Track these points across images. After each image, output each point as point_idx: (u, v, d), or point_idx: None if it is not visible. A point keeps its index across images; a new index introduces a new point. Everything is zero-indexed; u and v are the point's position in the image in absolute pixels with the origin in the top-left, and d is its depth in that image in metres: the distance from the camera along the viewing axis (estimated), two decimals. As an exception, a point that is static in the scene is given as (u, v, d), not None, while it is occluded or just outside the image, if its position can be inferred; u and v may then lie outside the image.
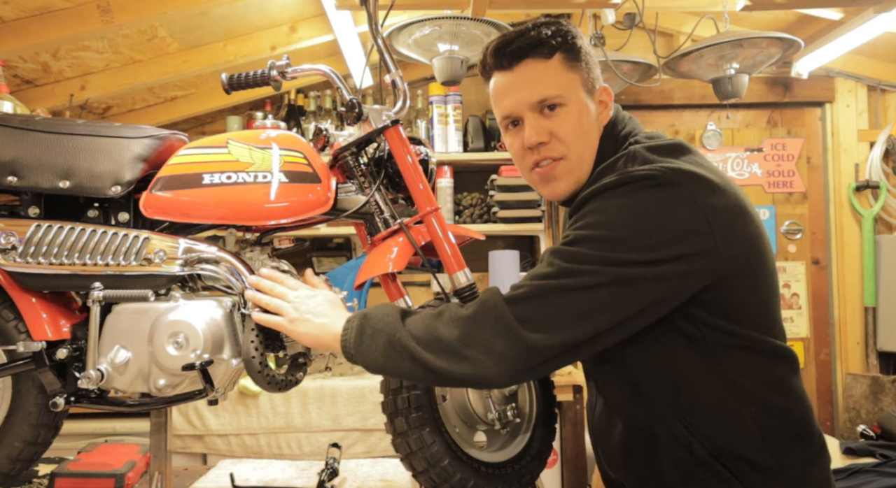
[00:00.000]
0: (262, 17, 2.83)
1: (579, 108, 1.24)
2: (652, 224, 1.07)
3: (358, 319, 1.17)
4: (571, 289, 1.06)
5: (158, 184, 1.34)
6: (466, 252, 1.31)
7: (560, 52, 1.24)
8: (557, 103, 1.23)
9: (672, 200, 1.08)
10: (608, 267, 1.06)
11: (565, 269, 1.08)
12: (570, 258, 1.08)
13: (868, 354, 3.56)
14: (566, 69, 1.24)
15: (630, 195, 1.09)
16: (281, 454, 2.66)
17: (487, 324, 1.08)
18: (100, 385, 1.28)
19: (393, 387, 1.24)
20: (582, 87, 1.25)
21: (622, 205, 1.09)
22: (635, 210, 1.08)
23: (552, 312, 1.07)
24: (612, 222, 1.08)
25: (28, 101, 2.72)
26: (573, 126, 1.24)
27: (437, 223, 1.29)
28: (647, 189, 1.09)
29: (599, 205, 1.11)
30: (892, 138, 3.56)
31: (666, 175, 1.09)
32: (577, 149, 1.24)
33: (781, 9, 2.90)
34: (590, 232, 1.09)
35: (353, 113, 1.34)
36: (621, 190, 1.10)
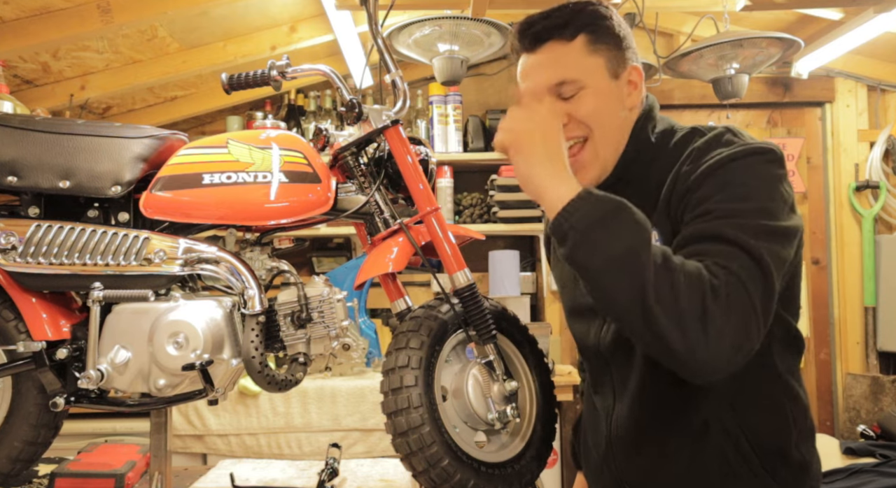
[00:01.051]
0: (262, 17, 2.83)
1: (599, 91, 1.21)
2: (784, 195, 1.11)
3: (612, 201, 1.05)
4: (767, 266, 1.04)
5: (158, 184, 1.34)
6: (466, 252, 1.31)
7: (584, 34, 1.21)
8: (576, 87, 1.21)
9: (784, 175, 1.14)
10: (776, 230, 1.07)
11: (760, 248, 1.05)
12: (749, 232, 1.05)
13: (868, 354, 3.56)
14: (589, 52, 1.21)
15: (759, 167, 1.11)
16: (281, 454, 2.66)
17: (735, 315, 1.00)
18: (100, 385, 1.28)
19: (393, 387, 1.24)
20: (606, 69, 1.22)
21: (758, 178, 1.10)
22: (770, 181, 1.11)
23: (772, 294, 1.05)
24: (757, 192, 1.09)
25: (28, 101, 2.72)
26: (591, 108, 1.21)
27: (437, 223, 1.29)
28: (772, 162, 1.12)
29: (735, 178, 1.10)
30: (892, 138, 3.55)
31: (778, 151, 1.15)
32: (599, 128, 1.22)
33: (781, 9, 2.90)
34: (739, 205, 1.08)
35: (353, 113, 1.34)
36: (748, 162, 1.11)
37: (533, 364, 1.39)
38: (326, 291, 1.37)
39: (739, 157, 1.11)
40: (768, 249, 1.04)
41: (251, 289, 1.32)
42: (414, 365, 1.23)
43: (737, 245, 1.03)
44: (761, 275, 1.02)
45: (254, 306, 1.31)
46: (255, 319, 1.31)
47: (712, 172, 1.11)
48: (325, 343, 1.37)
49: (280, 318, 1.36)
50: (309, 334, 1.36)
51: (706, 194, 1.11)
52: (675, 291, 0.98)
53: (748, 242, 1.03)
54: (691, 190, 1.13)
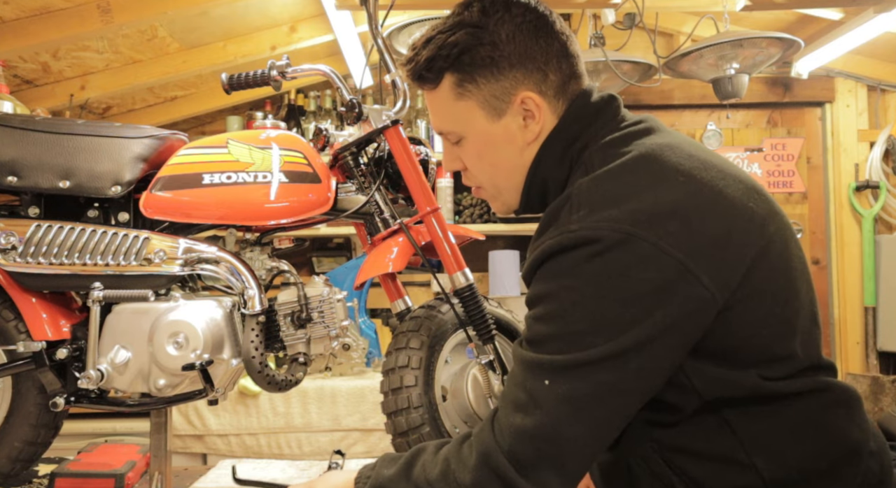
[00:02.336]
0: (262, 17, 2.82)
1: (479, 139, 1.05)
2: (613, 299, 0.87)
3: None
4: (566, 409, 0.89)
5: (158, 184, 1.34)
6: (466, 252, 1.31)
7: (449, 73, 1.03)
8: (456, 136, 1.07)
9: (627, 263, 0.87)
10: (587, 371, 0.88)
11: (539, 389, 0.90)
12: (539, 370, 0.90)
13: (868, 354, 3.56)
14: (456, 97, 1.03)
15: (575, 272, 0.89)
16: (281, 454, 2.66)
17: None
18: (100, 385, 1.28)
19: (393, 387, 1.24)
20: (481, 110, 1.03)
21: (573, 288, 0.89)
22: (587, 291, 0.88)
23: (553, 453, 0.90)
24: (566, 313, 0.89)
25: (28, 101, 2.72)
26: (475, 160, 1.08)
27: (437, 223, 1.29)
28: (591, 259, 0.88)
29: (547, 288, 0.92)
30: (892, 138, 3.55)
31: (616, 230, 0.87)
32: (488, 180, 1.09)
33: (781, 9, 2.90)
34: (548, 329, 0.91)
35: (353, 113, 1.34)
36: (562, 264, 0.90)
37: None
38: (326, 291, 1.37)
39: (557, 253, 0.91)
40: (567, 391, 0.88)
41: (251, 289, 1.32)
42: (414, 365, 1.23)
43: (526, 390, 0.91)
44: (546, 433, 0.88)
45: (254, 306, 1.31)
46: (255, 319, 1.31)
47: (532, 270, 0.96)
48: (325, 343, 1.37)
49: (280, 318, 1.36)
50: (309, 334, 1.36)
51: (527, 301, 0.97)
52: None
53: (536, 387, 0.90)
54: (524, 279, 1.00)
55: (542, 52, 1.01)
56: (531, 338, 0.94)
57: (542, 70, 1.01)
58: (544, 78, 1.02)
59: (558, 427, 0.88)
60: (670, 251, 0.86)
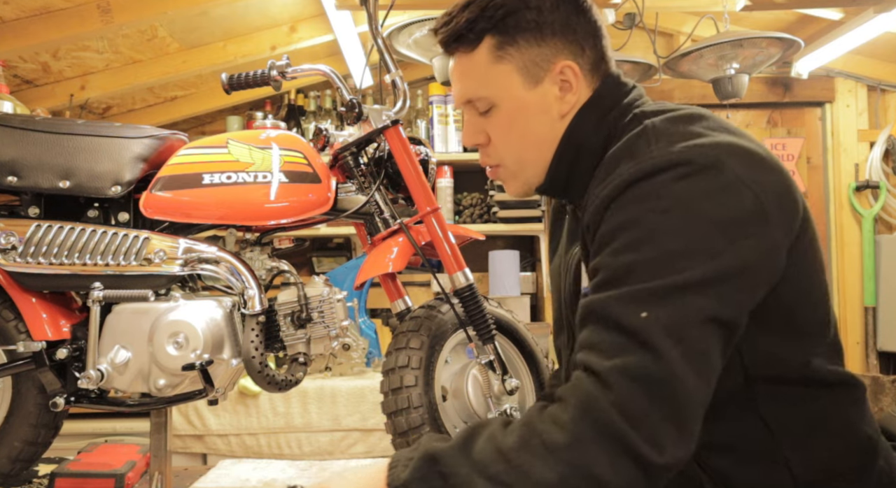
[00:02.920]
0: (262, 17, 2.83)
1: (513, 108, 1.02)
2: (710, 218, 0.83)
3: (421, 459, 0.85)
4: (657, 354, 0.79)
5: (158, 184, 1.34)
6: (466, 252, 1.31)
7: (489, 36, 1.00)
8: (487, 104, 1.03)
9: (716, 187, 0.84)
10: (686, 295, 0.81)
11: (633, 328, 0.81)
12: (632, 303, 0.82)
13: (868, 354, 3.56)
14: (494, 61, 1.00)
15: (663, 193, 0.85)
16: (281, 454, 2.66)
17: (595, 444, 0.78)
18: (100, 385, 1.28)
19: (393, 387, 1.24)
20: (520, 76, 1.00)
21: (661, 210, 0.84)
22: (684, 206, 0.83)
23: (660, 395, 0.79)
24: (655, 235, 0.83)
25: (28, 101, 2.72)
26: (504, 130, 1.03)
27: (437, 223, 1.29)
28: (683, 179, 0.84)
29: (630, 215, 0.86)
30: (892, 138, 3.55)
31: (702, 155, 0.85)
32: (514, 154, 1.04)
33: (781, 9, 2.90)
34: (633, 257, 0.84)
35: (353, 113, 1.34)
36: (647, 188, 0.86)
37: (533, 363, 1.39)
38: (326, 291, 1.37)
39: (640, 179, 0.86)
40: (669, 320, 0.79)
41: (251, 289, 1.32)
42: (414, 365, 1.23)
43: (621, 329, 0.81)
44: (653, 364, 0.78)
45: (254, 306, 1.31)
46: (255, 319, 1.31)
47: (605, 206, 0.89)
48: (325, 343, 1.37)
49: (280, 318, 1.36)
50: (309, 334, 1.36)
51: (600, 241, 0.89)
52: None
53: (627, 317, 0.81)
54: (589, 228, 0.93)
55: (581, 27, 1.01)
56: (611, 276, 0.84)
57: (580, 44, 1.01)
58: (581, 52, 1.01)
59: (668, 364, 0.78)
60: (750, 184, 0.85)
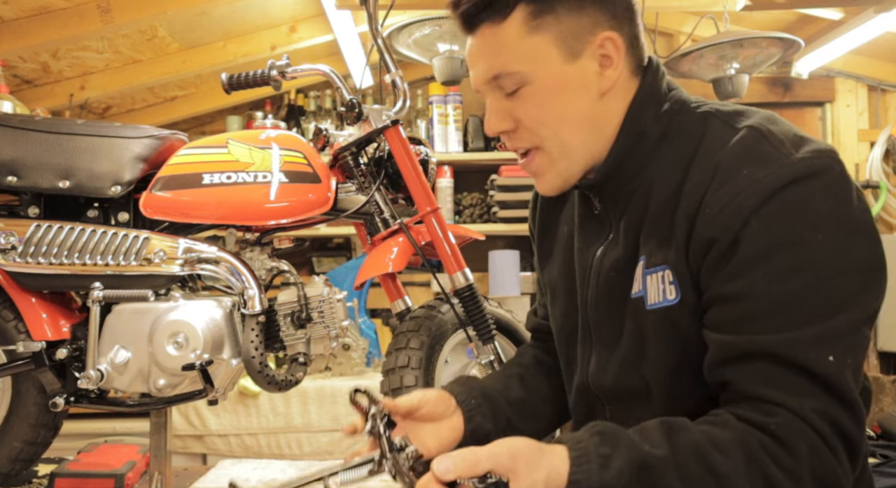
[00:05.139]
0: (262, 17, 2.82)
1: (549, 84, 0.91)
2: (857, 227, 0.79)
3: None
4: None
5: (158, 184, 1.34)
6: (466, 252, 1.31)
7: (523, 4, 0.89)
8: (517, 81, 0.91)
9: (850, 193, 0.80)
10: (858, 327, 0.77)
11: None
12: (817, 346, 0.76)
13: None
14: (528, 31, 0.90)
15: (815, 206, 0.78)
16: (281, 454, 2.66)
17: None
18: (100, 385, 1.28)
19: (393, 387, 1.24)
20: (557, 50, 0.90)
21: (817, 226, 0.77)
22: (836, 221, 0.78)
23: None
24: (818, 257, 0.77)
25: (28, 101, 2.72)
26: (538, 111, 0.92)
27: (437, 223, 1.29)
28: (826, 191, 0.78)
29: (783, 233, 0.78)
30: (892, 138, 3.55)
31: (832, 160, 0.80)
32: (552, 136, 0.93)
33: (781, 9, 2.90)
34: (800, 284, 0.77)
35: (353, 113, 1.34)
36: (798, 198, 0.78)
37: None
38: (326, 291, 1.37)
39: (783, 189, 0.78)
40: (844, 359, 0.75)
41: (251, 289, 1.32)
42: (414, 365, 1.23)
43: (800, 369, 0.75)
44: (846, 414, 0.75)
45: (254, 306, 1.31)
46: (255, 319, 1.31)
47: (744, 217, 0.79)
48: (325, 343, 1.37)
49: (280, 318, 1.36)
50: (309, 334, 1.36)
51: (743, 259, 0.79)
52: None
53: (817, 363, 0.75)
54: (717, 241, 0.81)
55: (625, 4, 0.93)
56: (775, 305, 0.77)
57: (619, 18, 0.92)
58: (621, 26, 0.92)
59: (859, 408, 0.76)
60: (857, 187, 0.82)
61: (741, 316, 0.79)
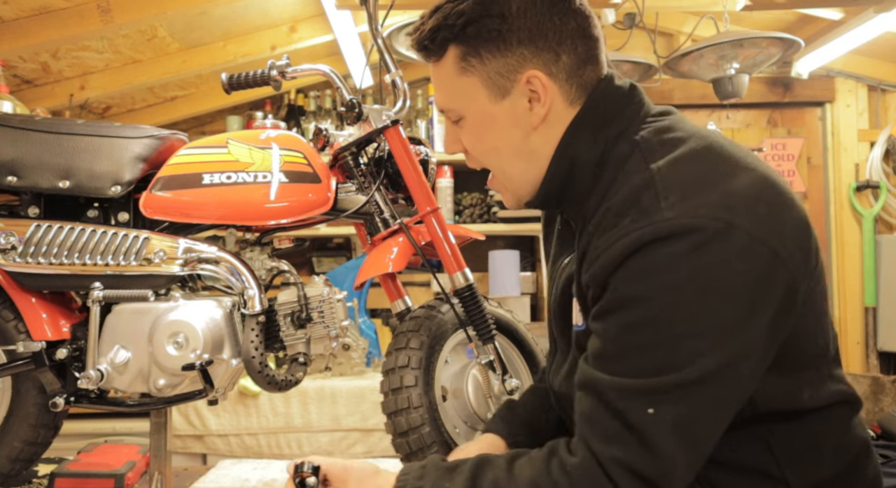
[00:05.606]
0: (262, 17, 2.82)
1: (480, 122, 0.97)
2: (720, 298, 0.79)
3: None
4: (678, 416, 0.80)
5: (158, 184, 1.34)
6: (466, 252, 1.31)
7: (453, 46, 0.95)
8: (456, 115, 0.99)
9: (728, 256, 0.79)
10: (697, 389, 0.80)
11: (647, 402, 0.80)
12: (640, 397, 0.80)
13: (868, 354, 3.56)
14: (458, 73, 0.96)
15: (674, 266, 0.79)
16: (281, 454, 2.66)
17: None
18: (100, 385, 1.28)
19: (393, 387, 1.24)
20: (484, 88, 0.95)
21: (673, 286, 0.79)
22: (690, 289, 0.79)
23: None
24: (667, 316, 0.80)
25: (28, 101, 2.72)
26: (475, 142, 0.99)
27: (437, 223, 1.29)
28: (695, 250, 0.79)
29: (640, 288, 0.81)
30: (892, 138, 3.55)
31: (715, 218, 0.79)
32: (492, 164, 1.00)
33: (781, 9, 2.90)
34: (643, 338, 0.81)
35: (353, 113, 1.34)
36: (658, 257, 0.80)
37: (533, 363, 1.39)
38: (326, 291, 1.37)
39: (649, 244, 0.80)
40: (676, 419, 0.79)
41: (251, 289, 1.32)
42: (414, 365, 1.23)
43: (619, 414, 0.80)
44: (652, 466, 0.79)
45: (254, 306, 1.31)
46: (255, 319, 1.31)
47: (611, 269, 0.83)
48: (325, 343, 1.37)
49: (280, 318, 1.36)
50: (309, 334, 1.36)
51: (606, 305, 0.84)
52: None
53: (635, 413, 0.80)
54: (591, 284, 0.87)
55: (555, 30, 0.92)
56: (615, 353, 0.83)
57: (553, 50, 0.93)
58: (556, 58, 0.93)
59: (670, 459, 0.80)
60: (764, 239, 0.80)
61: (596, 352, 0.85)
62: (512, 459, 0.89)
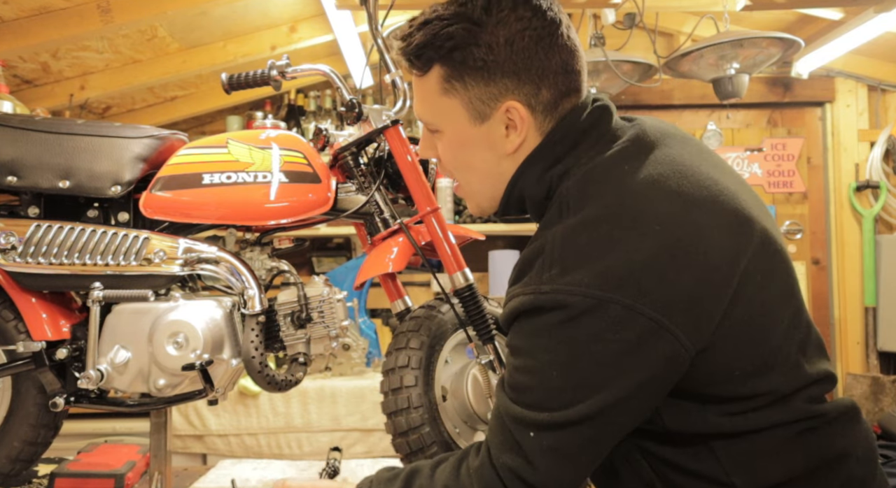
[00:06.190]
0: (262, 17, 2.83)
1: (455, 140, 1.02)
2: (589, 362, 0.86)
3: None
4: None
5: (158, 184, 1.34)
6: (466, 252, 1.31)
7: (438, 66, 0.98)
8: (434, 128, 1.04)
9: (599, 328, 0.85)
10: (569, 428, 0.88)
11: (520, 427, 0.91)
12: (523, 423, 0.91)
13: (868, 354, 3.56)
14: (441, 91, 0.99)
15: (548, 334, 0.88)
16: (281, 454, 2.66)
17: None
18: (100, 385, 1.28)
19: (393, 387, 1.24)
20: (465, 111, 0.98)
21: (548, 349, 0.89)
22: (561, 354, 0.87)
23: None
24: (543, 371, 0.89)
25: (28, 101, 2.72)
26: (449, 156, 1.04)
27: (437, 223, 1.29)
28: (566, 323, 0.86)
29: (523, 344, 0.92)
30: (892, 138, 3.55)
31: (586, 296, 0.84)
32: (462, 178, 1.06)
33: (781, 9, 2.90)
34: (527, 381, 0.91)
35: (352, 113, 1.34)
36: (535, 325, 0.90)
37: None
38: (326, 291, 1.37)
39: (528, 312, 0.90)
40: (551, 444, 0.89)
41: (251, 289, 1.32)
42: (414, 365, 1.23)
43: (514, 441, 0.91)
44: (534, 477, 0.89)
45: (254, 306, 1.31)
46: (255, 319, 1.31)
47: (509, 321, 0.95)
48: (325, 343, 1.37)
49: (280, 318, 1.36)
50: (309, 334, 1.36)
51: (507, 344, 0.97)
52: None
53: (521, 434, 0.90)
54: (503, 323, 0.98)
55: (539, 65, 0.95)
56: (513, 383, 0.93)
57: (535, 83, 0.96)
58: (536, 92, 0.96)
59: (547, 473, 0.90)
60: (644, 311, 0.83)
61: (503, 377, 0.96)
62: (435, 465, 1.01)
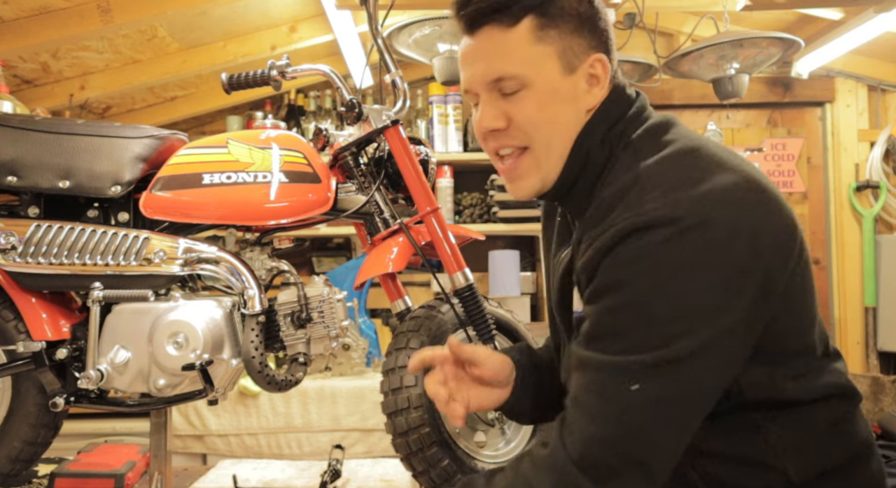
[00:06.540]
0: (262, 17, 2.83)
1: (545, 91, 0.98)
2: (695, 284, 0.84)
3: None
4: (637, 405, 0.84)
5: (158, 184, 1.34)
6: (466, 252, 1.31)
7: (532, 15, 0.97)
8: (518, 83, 0.98)
9: (706, 246, 0.83)
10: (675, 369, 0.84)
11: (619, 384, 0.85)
12: (621, 374, 0.85)
13: (868, 354, 3.56)
14: (535, 40, 0.97)
15: (653, 255, 0.85)
16: (281, 454, 2.66)
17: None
18: (100, 385, 1.28)
19: (393, 387, 1.24)
20: (558, 61, 0.98)
21: (650, 273, 0.84)
22: (666, 276, 0.84)
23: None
24: (644, 301, 0.85)
25: (28, 101, 2.72)
26: (533, 112, 0.99)
27: (437, 223, 1.29)
28: (671, 240, 0.84)
29: (621, 275, 0.87)
30: (892, 138, 3.55)
31: (692, 211, 0.84)
32: (542, 137, 1.00)
33: (781, 9, 2.90)
34: (623, 321, 0.86)
35: (352, 113, 1.34)
36: (637, 247, 0.86)
37: None
38: (326, 291, 1.37)
39: (629, 235, 0.86)
40: (658, 394, 0.83)
41: (251, 289, 1.32)
42: (414, 365, 1.23)
43: (608, 399, 0.85)
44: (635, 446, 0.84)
45: (254, 306, 1.31)
46: (255, 319, 1.31)
47: (598, 259, 0.89)
48: (325, 343, 1.37)
49: (280, 318, 1.36)
50: (309, 334, 1.36)
51: (594, 291, 0.90)
52: None
53: (616, 388, 0.84)
54: (584, 269, 0.93)
55: (607, 31, 1.03)
56: (602, 333, 0.88)
57: (610, 45, 1.02)
58: (610, 51, 1.02)
59: (650, 432, 0.84)
60: (744, 234, 0.84)
61: (586, 333, 0.91)
62: (491, 474, 0.96)
